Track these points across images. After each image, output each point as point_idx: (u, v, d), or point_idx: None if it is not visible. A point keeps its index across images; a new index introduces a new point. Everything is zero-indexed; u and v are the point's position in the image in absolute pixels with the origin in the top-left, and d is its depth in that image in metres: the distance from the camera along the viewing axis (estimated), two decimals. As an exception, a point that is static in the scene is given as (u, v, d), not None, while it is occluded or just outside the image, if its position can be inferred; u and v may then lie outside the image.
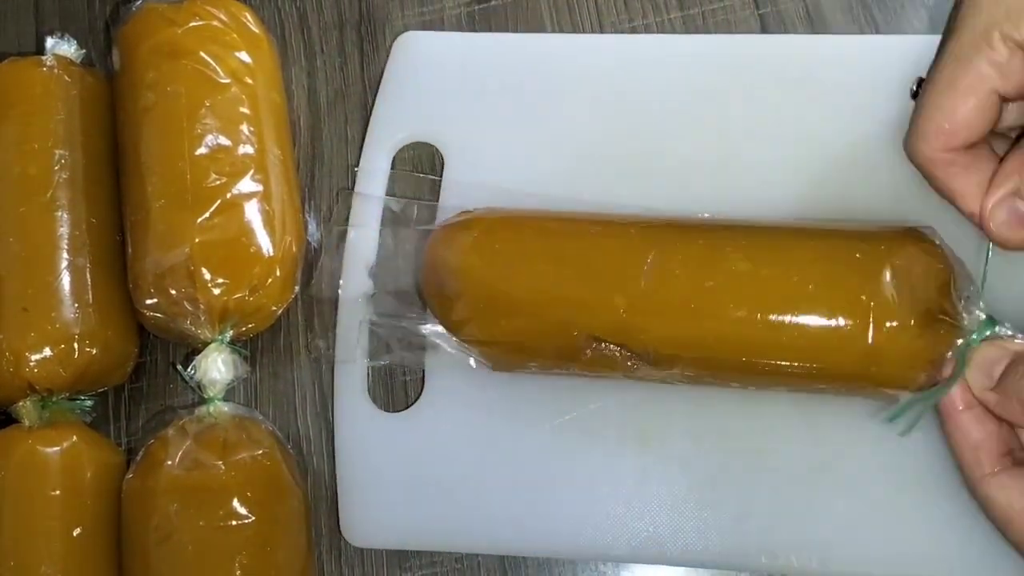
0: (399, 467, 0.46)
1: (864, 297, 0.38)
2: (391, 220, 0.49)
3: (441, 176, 0.50)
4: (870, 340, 0.38)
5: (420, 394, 0.47)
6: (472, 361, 0.45)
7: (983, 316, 0.38)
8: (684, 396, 0.44)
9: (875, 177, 0.45)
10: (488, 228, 0.44)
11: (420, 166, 0.51)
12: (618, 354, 0.41)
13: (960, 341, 0.38)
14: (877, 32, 0.50)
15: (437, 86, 0.51)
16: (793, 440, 0.44)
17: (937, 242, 0.40)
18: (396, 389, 0.48)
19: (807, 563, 0.42)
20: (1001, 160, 0.38)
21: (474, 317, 0.43)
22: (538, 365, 0.44)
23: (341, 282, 0.49)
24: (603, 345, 0.40)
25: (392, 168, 0.51)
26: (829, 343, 0.38)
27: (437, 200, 0.49)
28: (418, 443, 0.46)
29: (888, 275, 0.38)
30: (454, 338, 0.44)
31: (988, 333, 0.38)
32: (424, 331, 0.45)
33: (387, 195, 0.50)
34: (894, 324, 0.38)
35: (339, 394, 0.48)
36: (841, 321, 0.38)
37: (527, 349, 0.43)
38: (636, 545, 0.44)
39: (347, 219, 0.50)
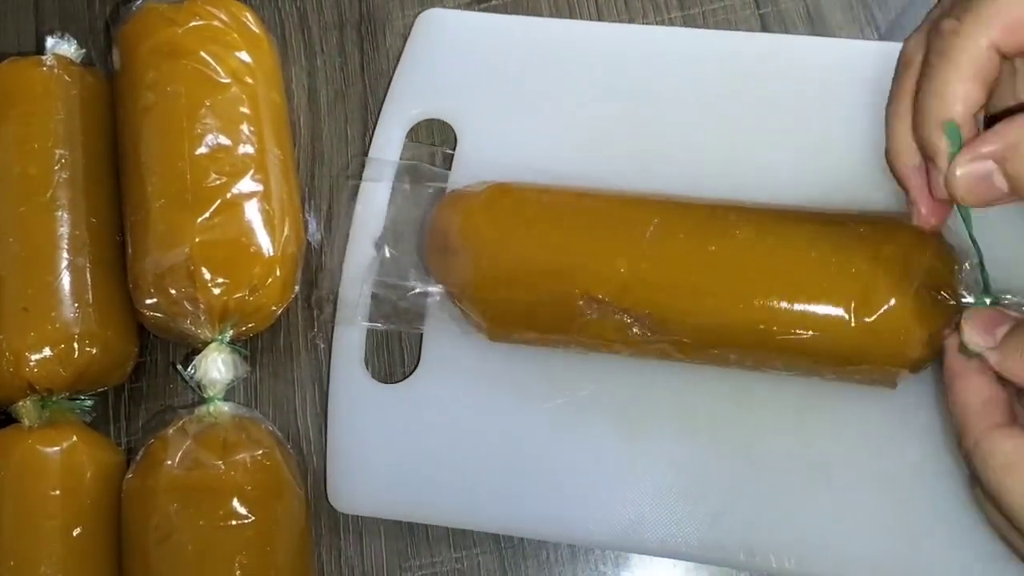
0: (390, 437, 0.47)
1: (865, 267, 0.38)
2: (400, 187, 0.50)
3: (454, 154, 0.50)
4: (868, 313, 0.38)
5: (416, 367, 0.47)
6: (472, 327, 0.45)
7: (981, 287, 0.38)
8: (675, 387, 0.45)
9: (876, 177, 0.45)
10: (495, 192, 0.44)
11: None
12: (618, 317, 0.41)
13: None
14: (877, 31, 0.50)
15: (456, 65, 0.51)
16: (782, 439, 0.44)
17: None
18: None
19: (784, 563, 0.42)
20: None
21: (476, 278, 0.43)
22: (536, 333, 0.44)
23: (348, 247, 0.49)
24: (605, 307, 0.41)
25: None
26: (828, 312, 0.38)
27: (447, 176, 0.49)
28: (410, 415, 0.47)
29: (888, 250, 0.38)
30: (455, 302, 0.44)
31: (988, 302, 0.38)
32: (427, 291, 0.46)
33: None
34: (892, 297, 0.38)
35: (335, 362, 0.48)
36: (840, 291, 0.38)
37: (528, 312, 0.43)
38: (617, 532, 0.44)
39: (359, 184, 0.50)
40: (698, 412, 0.44)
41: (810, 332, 0.39)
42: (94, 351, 0.46)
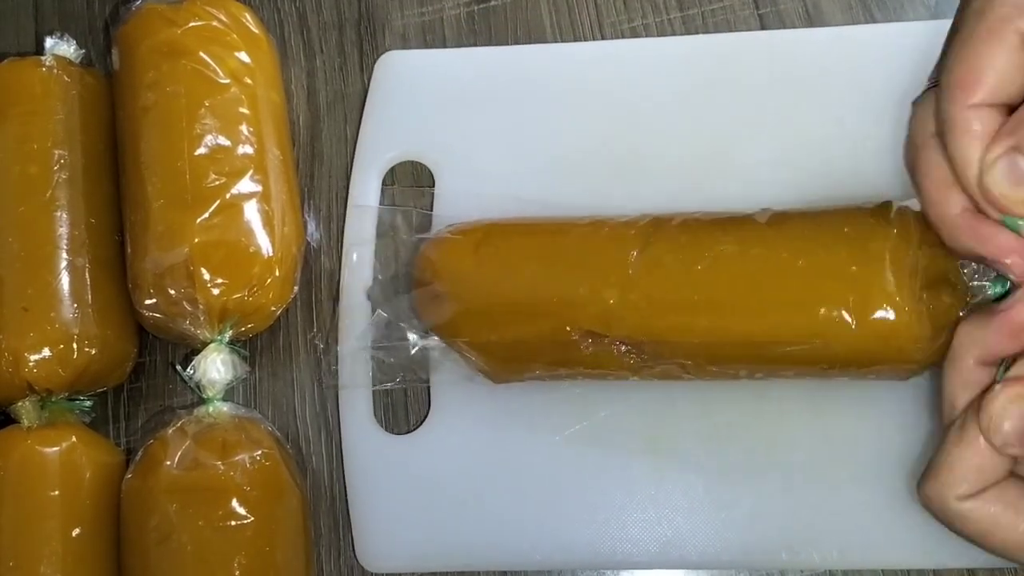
0: (411, 489, 0.46)
1: (855, 268, 0.37)
2: (385, 235, 0.49)
3: (434, 191, 0.50)
4: (868, 313, 0.37)
5: (426, 415, 0.47)
6: (476, 372, 0.45)
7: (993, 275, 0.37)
8: (692, 396, 0.44)
9: (876, 176, 0.45)
10: (477, 234, 0.44)
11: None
12: (615, 348, 0.40)
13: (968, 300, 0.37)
14: (877, 32, 0.50)
15: (422, 104, 0.51)
16: (804, 434, 0.44)
17: None
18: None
19: (827, 556, 0.42)
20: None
21: (468, 323, 0.43)
22: (541, 369, 0.43)
23: (341, 306, 0.49)
24: (599, 339, 0.40)
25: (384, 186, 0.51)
26: (825, 318, 0.38)
27: (431, 218, 0.49)
28: (428, 464, 0.46)
29: (875, 247, 0.38)
30: (455, 349, 0.44)
31: (1000, 289, 0.36)
32: (427, 345, 0.45)
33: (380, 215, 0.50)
34: (893, 294, 0.37)
35: (345, 420, 0.48)
36: (834, 296, 0.37)
37: (525, 351, 0.42)
38: (655, 551, 0.44)
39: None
40: (718, 418, 0.44)
41: (810, 342, 0.38)
42: (93, 351, 0.46)
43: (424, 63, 0.52)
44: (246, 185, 0.46)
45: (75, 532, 0.44)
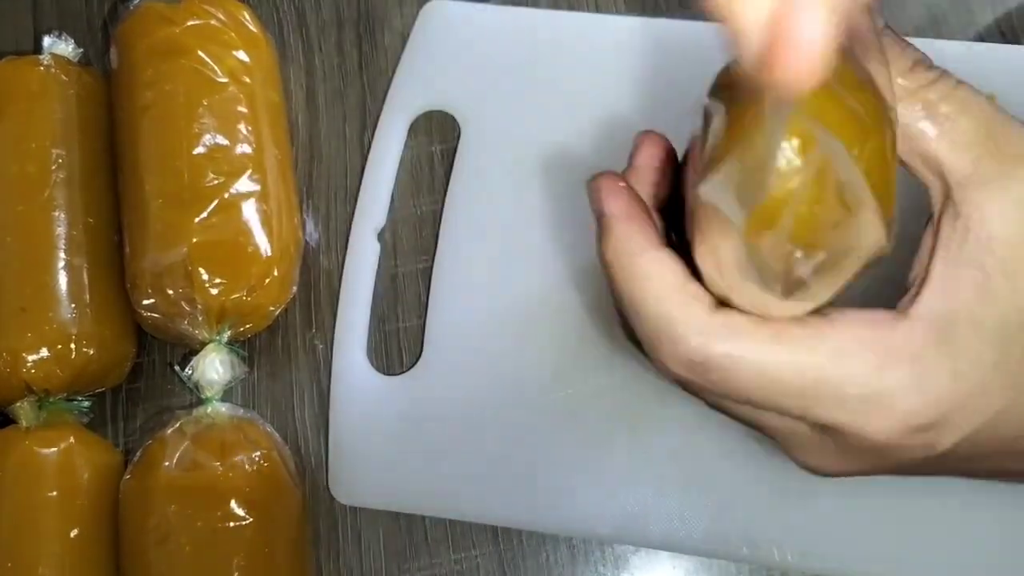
0: (392, 429, 0.46)
1: None
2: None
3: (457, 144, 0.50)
4: None
5: (418, 358, 0.47)
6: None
7: None
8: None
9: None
10: None
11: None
12: None
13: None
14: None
15: (460, 57, 0.51)
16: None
17: None
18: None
19: (786, 556, 0.42)
20: None
21: None
22: None
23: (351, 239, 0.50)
24: None
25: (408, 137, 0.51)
26: None
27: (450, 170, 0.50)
28: (413, 406, 0.47)
29: None
30: None
31: None
32: None
33: (400, 163, 0.51)
34: None
35: (337, 352, 0.48)
36: None
37: None
38: (620, 525, 0.44)
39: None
40: (700, 403, 0.44)
41: None
42: (91, 352, 0.45)
43: (469, 16, 0.52)
44: (244, 184, 0.45)
45: (73, 533, 0.44)
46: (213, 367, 0.45)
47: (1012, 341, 0.30)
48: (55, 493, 0.44)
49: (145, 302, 0.45)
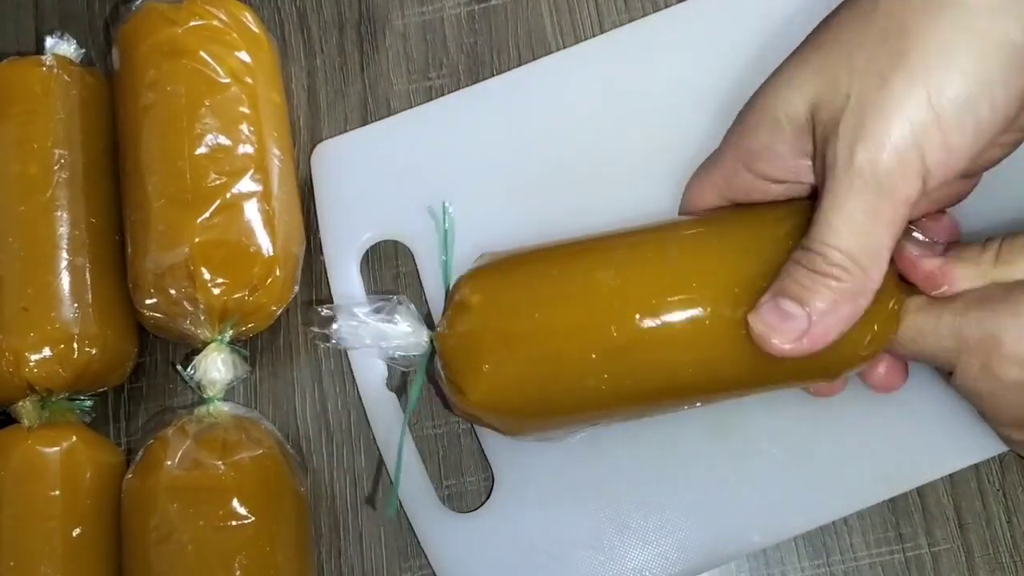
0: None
1: (764, 282, 0.37)
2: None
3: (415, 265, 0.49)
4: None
5: (490, 492, 0.47)
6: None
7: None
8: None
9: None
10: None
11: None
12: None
13: (892, 301, 0.37)
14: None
15: (369, 183, 0.50)
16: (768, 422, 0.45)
17: None
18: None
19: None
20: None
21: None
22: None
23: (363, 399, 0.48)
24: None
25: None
26: (730, 340, 0.37)
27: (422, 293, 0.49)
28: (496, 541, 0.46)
29: (781, 247, 0.37)
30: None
31: None
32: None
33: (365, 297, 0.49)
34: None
35: (410, 508, 0.47)
36: (732, 313, 0.37)
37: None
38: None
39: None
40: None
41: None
42: (94, 351, 0.46)
43: (358, 141, 0.51)
44: (246, 185, 0.46)
45: (75, 532, 0.44)
46: (215, 366, 0.45)
47: None
48: (57, 492, 0.44)
49: (147, 302, 0.45)
